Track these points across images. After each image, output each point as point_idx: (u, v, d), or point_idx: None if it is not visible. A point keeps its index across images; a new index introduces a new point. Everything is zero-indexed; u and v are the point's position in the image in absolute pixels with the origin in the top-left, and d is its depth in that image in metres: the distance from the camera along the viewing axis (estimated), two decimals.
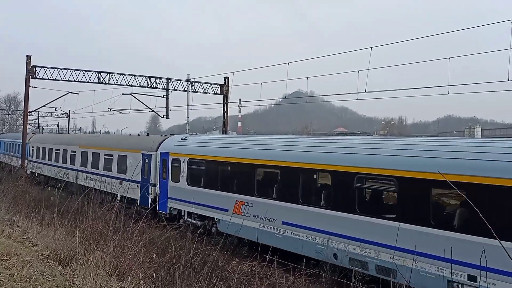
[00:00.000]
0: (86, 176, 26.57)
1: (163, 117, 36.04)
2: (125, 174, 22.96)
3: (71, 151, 30.57)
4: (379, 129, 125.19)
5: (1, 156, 48.39)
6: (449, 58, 18.24)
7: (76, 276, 8.09)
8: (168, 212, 19.71)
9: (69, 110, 66.31)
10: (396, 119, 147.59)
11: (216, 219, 17.08)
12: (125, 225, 10.81)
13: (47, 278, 7.76)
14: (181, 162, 19.13)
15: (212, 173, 17.59)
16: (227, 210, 16.20)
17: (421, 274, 10.20)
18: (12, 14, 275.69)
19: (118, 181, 23.06)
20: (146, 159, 21.68)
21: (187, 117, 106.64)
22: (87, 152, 27.89)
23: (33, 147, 39.11)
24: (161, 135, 24.28)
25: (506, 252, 4.76)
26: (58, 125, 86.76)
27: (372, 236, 11.36)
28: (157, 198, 20.46)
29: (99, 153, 26.38)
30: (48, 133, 64.10)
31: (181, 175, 19.09)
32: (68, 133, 70.77)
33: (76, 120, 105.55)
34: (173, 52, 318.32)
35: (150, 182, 21.13)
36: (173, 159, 19.80)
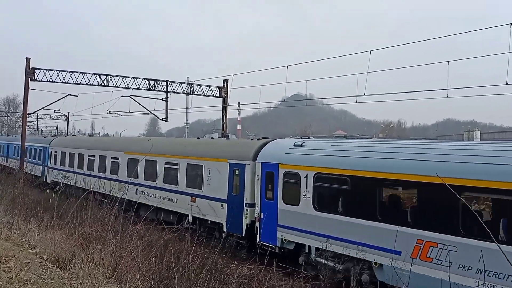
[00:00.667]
0: (136, 190, 21.74)
1: (162, 120, 36.03)
2: (200, 189, 18.48)
3: (113, 158, 25.64)
4: (378, 132, 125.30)
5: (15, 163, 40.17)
6: (448, 62, 18.29)
7: (75, 279, 8.08)
8: (278, 245, 14.84)
9: (68, 113, 66.20)
10: (396, 122, 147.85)
11: (375, 263, 11.93)
12: (124, 228, 10.80)
13: (46, 281, 7.75)
14: (301, 178, 14.16)
15: (365, 196, 12.45)
16: (398, 253, 11.08)
17: None
18: (11, 15, 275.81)
19: (189, 197, 18.99)
20: (236, 171, 16.96)
21: (186, 120, 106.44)
22: (137, 159, 22.50)
23: (55, 152, 33.71)
24: (254, 138, 19.86)
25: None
26: (57, 128, 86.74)
27: None
28: (258, 225, 15.58)
29: (156, 160, 21.32)
30: (73, 135, 55.72)
31: (301, 196, 14.11)
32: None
33: (75, 123, 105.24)
34: (172, 55, 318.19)
35: (245, 201, 16.39)
36: (285, 173, 14.80)
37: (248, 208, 16.18)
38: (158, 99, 34.59)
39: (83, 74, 31.26)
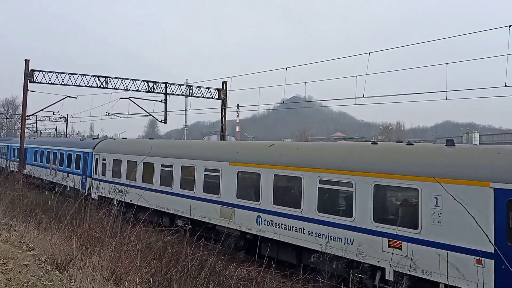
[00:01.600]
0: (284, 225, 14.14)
1: (161, 122, 36.02)
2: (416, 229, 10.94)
3: (209, 170, 17.56)
4: (377, 134, 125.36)
5: (42, 172, 35.00)
6: (446, 64, 18.32)
7: (73, 280, 8.08)
8: None
9: (67, 114, 66.30)
10: (394, 124, 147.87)
11: None
12: (123, 230, 10.79)
13: (44, 283, 7.74)
14: None
15: None
16: None
17: None
18: (10, 19, 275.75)
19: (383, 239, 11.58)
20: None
21: (185, 122, 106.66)
22: (258, 173, 15.15)
23: (104, 159, 25.70)
24: None
25: None
26: (56, 129, 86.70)
27: None
28: None
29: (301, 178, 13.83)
30: (123, 138, 37.87)
31: None
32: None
33: (74, 125, 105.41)
34: (171, 58, 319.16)
35: None
36: None
37: None
38: (157, 101, 34.66)
39: (82, 76, 31.26)
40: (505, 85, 16.12)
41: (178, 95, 34.95)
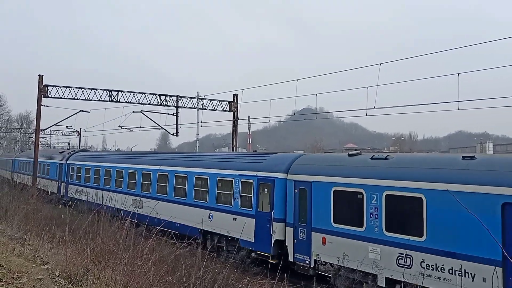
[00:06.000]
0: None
1: (173, 135, 36.19)
2: None
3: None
4: (389, 145, 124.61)
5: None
6: (458, 74, 18.22)
7: None
8: None
9: (80, 128, 66.91)
10: (407, 135, 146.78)
11: None
12: (135, 243, 10.81)
13: None
14: None
15: None
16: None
17: None
18: (22, 34, 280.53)
19: None
20: None
21: (197, 134, 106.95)
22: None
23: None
24: None
25: None
26: (69, 143, 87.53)
27: None
28: None
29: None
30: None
31: None
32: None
33: (87, 138, 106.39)
34: (183, 70, 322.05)
35: None
36: None
37: None
38: (168, 114, 34.87)
39: (95, 90, 31.61)
40: None
41: (189, 108, 35.17)
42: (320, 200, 14.00)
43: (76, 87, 31.24)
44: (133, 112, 34.93)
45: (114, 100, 32.24)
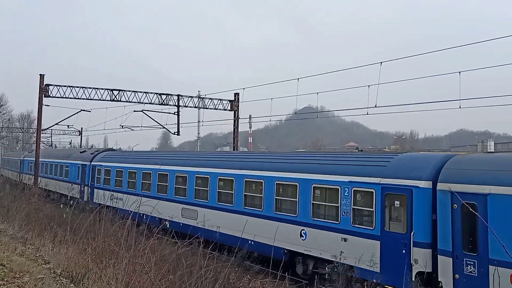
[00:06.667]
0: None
1: (174, 134, 36.24)
2: None
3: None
4: (390, 144, 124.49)
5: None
6: (459, 72, 18.18)
7: None
8: None
9: (82, 128, 66.97)
10: (408, 133, 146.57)
11: None
12: (137, 242, 10.82)
13: None
14: None
15: None
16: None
17: None
18: (23, 33, 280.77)
19: None
20: None
21: (198, 133, 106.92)
22: None
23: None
24: None
25: None
26: (70, 143, 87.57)
27: None
28: None
29: None
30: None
31: None
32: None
33: (88, 138, 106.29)
34: (183, 69, 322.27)
35: None
36: None
37: None
38: (170, 113, 34.89)
39: (96, 89, 31.61)
40: None
41: (190, 107, 35.18)
42: (506, 220, 10.10)
43: (77, 87, 31.27)
44: (134, 111, 34.96)
45: (115, 99, 32.25)
